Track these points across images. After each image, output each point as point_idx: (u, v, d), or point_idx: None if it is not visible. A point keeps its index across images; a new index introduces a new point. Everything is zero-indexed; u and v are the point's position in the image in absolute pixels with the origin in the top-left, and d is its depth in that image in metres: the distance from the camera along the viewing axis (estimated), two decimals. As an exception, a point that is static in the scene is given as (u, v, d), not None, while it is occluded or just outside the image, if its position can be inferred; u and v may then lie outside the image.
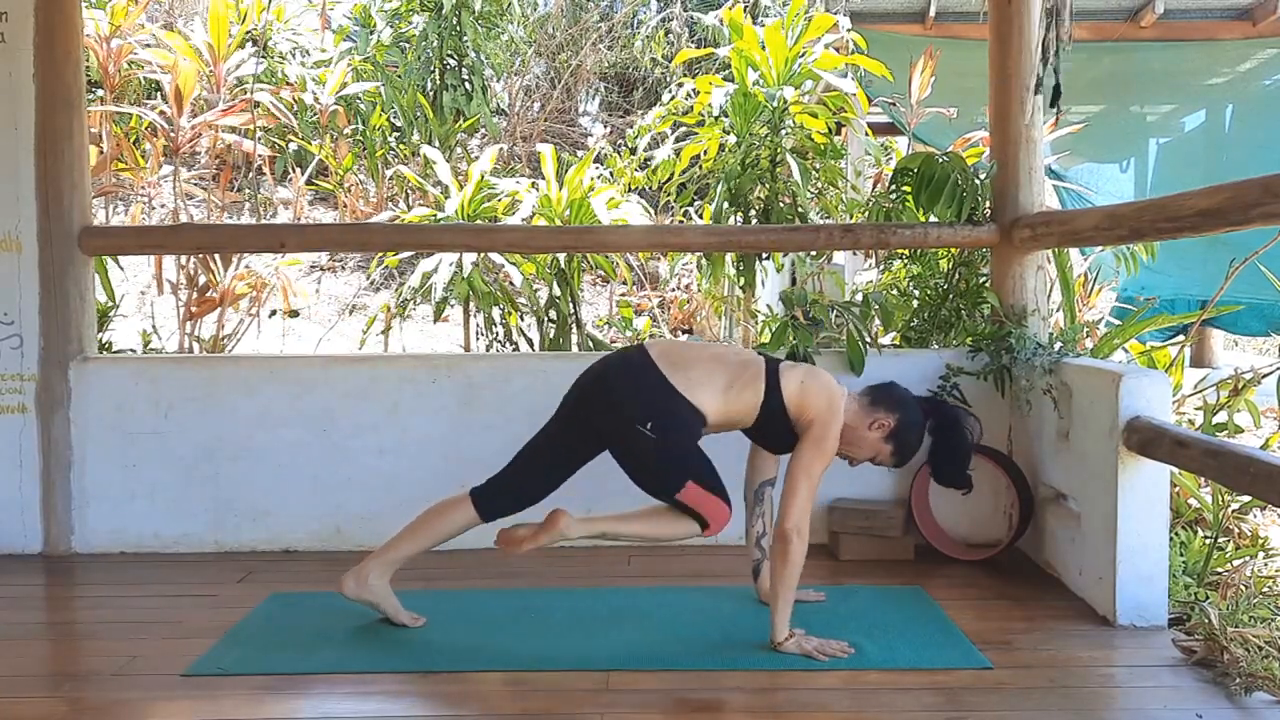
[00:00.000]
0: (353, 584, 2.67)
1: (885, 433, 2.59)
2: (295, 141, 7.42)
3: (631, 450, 2.56)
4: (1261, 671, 2.27)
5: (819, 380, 2.60)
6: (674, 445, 2.54)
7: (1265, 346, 9.06)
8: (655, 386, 2.55)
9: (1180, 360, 3.86)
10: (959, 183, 3.53)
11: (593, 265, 5.57)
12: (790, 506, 2.47)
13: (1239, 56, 6.44)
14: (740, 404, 2.58)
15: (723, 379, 2.59)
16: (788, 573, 2.47)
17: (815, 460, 2.51)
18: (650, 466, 2.56)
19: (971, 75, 4.96)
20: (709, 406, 2.56)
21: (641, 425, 2.51)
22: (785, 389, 2.57)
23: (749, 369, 2.61)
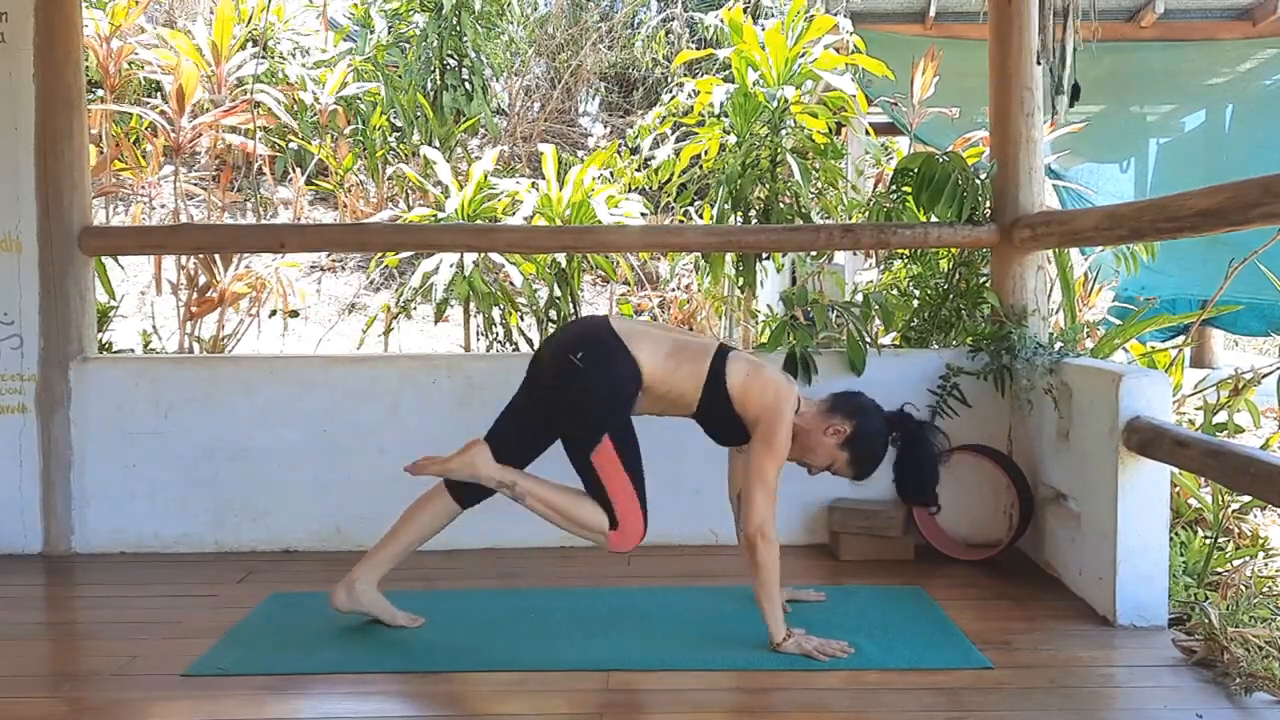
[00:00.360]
0: (344, 596, 2.67)
1: (840, 439, 2.56)
2: (295, 141, 7.43)
3: (558, 388, 2.54)
4: (1261, 671, 2.27)
5: (765, 374, 2.57)
6: (600, 385, 2.51)
7: (1265, 346, 9.06)
8: (598, 327, 2.60)
9: (1180, 360, 3.86)
10: (959, 183, 3.53)
11: (593, 265, 5.57)
12: (750, 511, 2.46)
13: (1239, 56, 6.44)
14: (680, 378, 2.55)
15: (667, 346, 2.58)
16: (764, 576, 2.46)
17: (767, 461, 2.49)
18: (571, 406, 2.53)
19: (972, 75, 4.95)
20: (646, 363, 2.53)
21: (572, 354, 2.51)
22: (730, 376, 2.55)
23: (697, 348, 2.60)
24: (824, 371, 3.49)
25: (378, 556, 2.67)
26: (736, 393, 2.55)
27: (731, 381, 2.55)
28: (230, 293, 5.07)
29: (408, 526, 2.66)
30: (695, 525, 3.46)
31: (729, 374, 2.55)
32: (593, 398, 2.51)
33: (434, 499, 2.67)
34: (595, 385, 2.51)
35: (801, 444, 2.57)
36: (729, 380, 2.55)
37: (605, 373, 2.51)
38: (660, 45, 10.85)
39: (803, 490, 3.48)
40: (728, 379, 2.55)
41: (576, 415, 2.54)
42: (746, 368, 2.57)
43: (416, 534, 2.67)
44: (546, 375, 2.59)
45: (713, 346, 2.61)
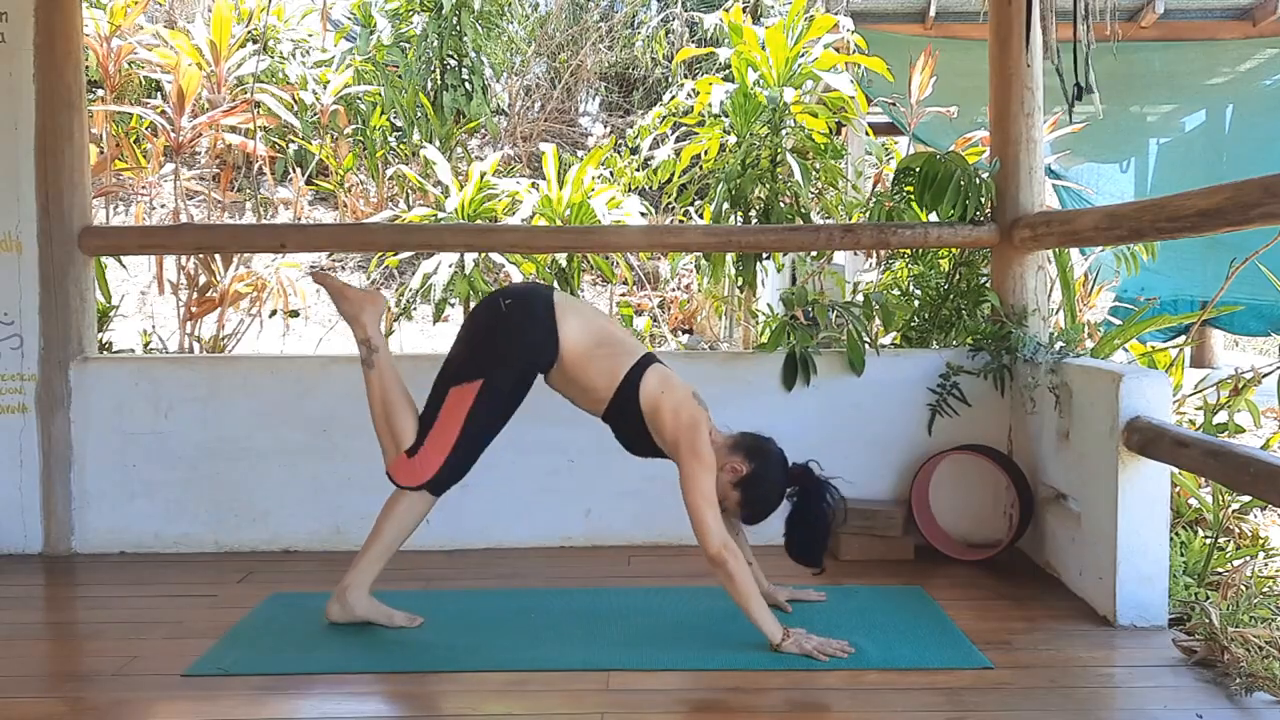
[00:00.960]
0: (337, 609, 2.67)
1: (735, 478, 2.54)
2: (296, 141, 7.43)
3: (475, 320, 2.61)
4: (1262, 671, 2.27)
5: (678, 394, 2.55)
6: (508, 337, 2.55)
7: (1265, 346, 9.07)
8: (539, 292, 2.63)
9: (1180, 360, 3.86)
10: (962, 182, 3.53)
11: (593, 265, 5.57)
12: (704, 533, 2.44)
13: (1239, 56, 6.44)
14: (595, 370, 2.56)
15: (597, 335, 2.59)
16: (740, 588, 2.45)
17: (701, 476, 2.46)
18: (473, 337, 2.58)
19: (971, 75, 4.96)
20: (568, 341, 2.55)
21: (504, 299, 2.57)
22: (645, 384, 2.55)
23: (623, 348, 2.61)
24: (824, 371, 3.49)
25: (362, 562, 2.66)
26: (646, 405, 2.54)
27: (644, 392, 2.54)
28: (230, 293, 5.07)
29: (386, 526, 2.65)
30: (695, 525, 3.46)
31: (643, 384, 2.55)
32: (494, 342, 2.55)
33: (404, 492, 2.67)
34: (504, 335, 2.55)
35: None
36: (642, 390, 2.54)
37: (520, 330, 2.55)
38: (660, 45, 10.85)
39: (803, 490, 3.48)
40: (641, 388, 2.54)
41: (470, 349, 2.57)
42: (661, 384, 2.56)
43: (396, 532, 2.66)
44: (472, 311, 2.64)
45: (639, 353, 2.61)
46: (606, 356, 2.57)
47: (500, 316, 2.57)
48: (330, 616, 2.67)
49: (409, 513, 2.66)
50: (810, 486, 2.60)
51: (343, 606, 2.66)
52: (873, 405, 3.48)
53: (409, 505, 2.66)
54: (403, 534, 2.68)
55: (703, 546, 2.45)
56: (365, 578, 2.66)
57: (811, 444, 3.47)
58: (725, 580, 2.46)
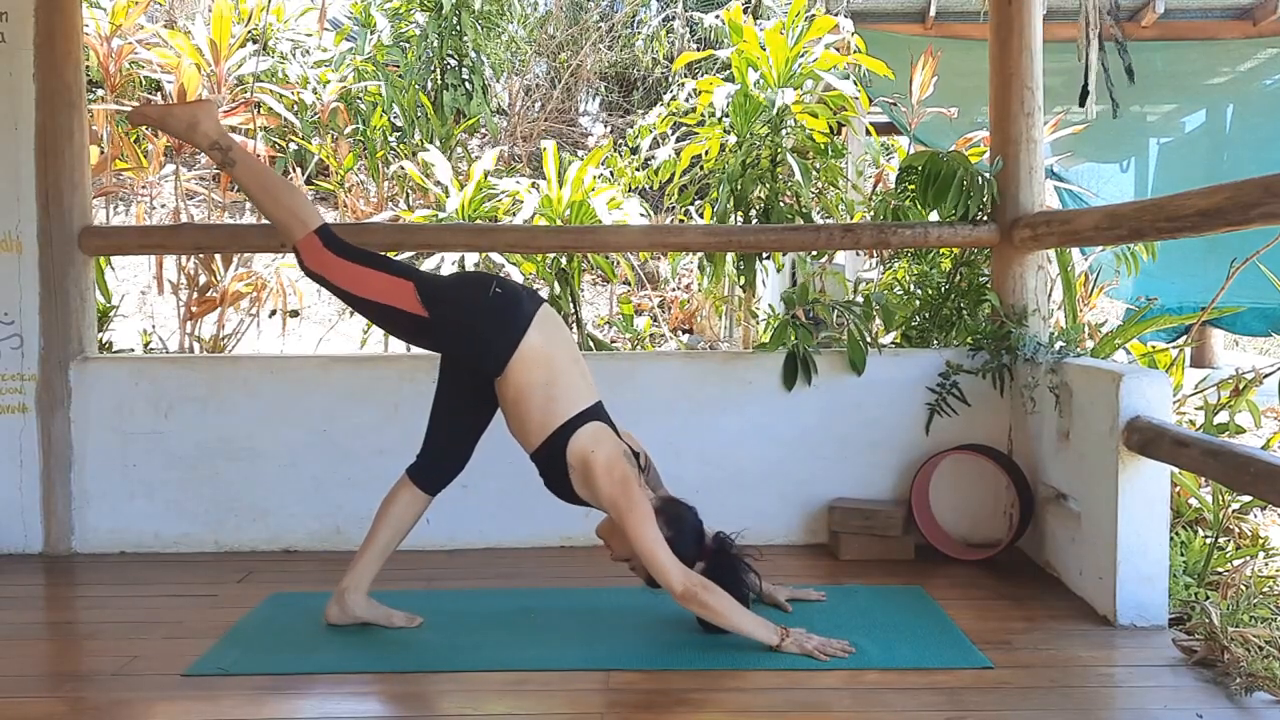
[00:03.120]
0: (336, 611, 2.67)
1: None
2: (296, 141, 7.42)
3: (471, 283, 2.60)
4: (1262, 671, 2.27)
5: (612, 450, 2.50)
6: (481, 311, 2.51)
7: (1266, 346, 9.06)
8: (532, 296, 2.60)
9: (1181, 360, 3.86)
10: (964, 180, 3.52)
11: (593, 265, 5.57)
12: (665, 576, 2.42)
13: (1239, 56, 6.43)
14: (533, 407, 2.51)
15: (550, 373, 2.53)
16: (720, 610, 2.44)
17: (644, 526, 2.43)
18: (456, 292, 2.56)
19: (971, 75, 4.95)
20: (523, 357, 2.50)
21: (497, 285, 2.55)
22: (576, 439, 2.50)
23: (570, 396, 2.54)
24: (824, 371, 3.49)
25: (361, 564, 2.66)
26: (574, 460, 2.50)
27: (573, 449, 2.50)
28: (230, 293, 5.07)
29: (382, 527, 2.66)
30: (695, 525, 3.46)
31: (574, 439, 2.50)
32: (460, 303, 2.53)
33: (399, 493, 2.67)
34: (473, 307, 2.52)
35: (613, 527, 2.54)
36: (570, 446, 2.50)
37: (488, 315, 2.52)
38: (661, 45, 10.85)
39: (803, 490, 3.49)
40: (570, 444, 2.50)
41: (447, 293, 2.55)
42: (593, 442, 2.50)
43: (393, 532, 2.66)
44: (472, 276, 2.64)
45: (584, 404, 2.55)
46: (548, 400, 2.51)
47: (481, 292, 2.54)
48: (329, 619, 2.67)
49: (405, 513, 2.66)
50: (723, 562, 2.56)
51: (341, 608, 2.66)
52: (873, 405, 3.48)
53: (405, 505, 2.66)
54: (399, 534, 2.68)
55: (669, 589, 2.43)
56: (363, 579, 2.66)
57: (812, 444, 3.49)
58: (701, 610, 2.45)
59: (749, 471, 3.47)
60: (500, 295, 2.55)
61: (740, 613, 2.48)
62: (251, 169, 2.56)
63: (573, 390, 2.56)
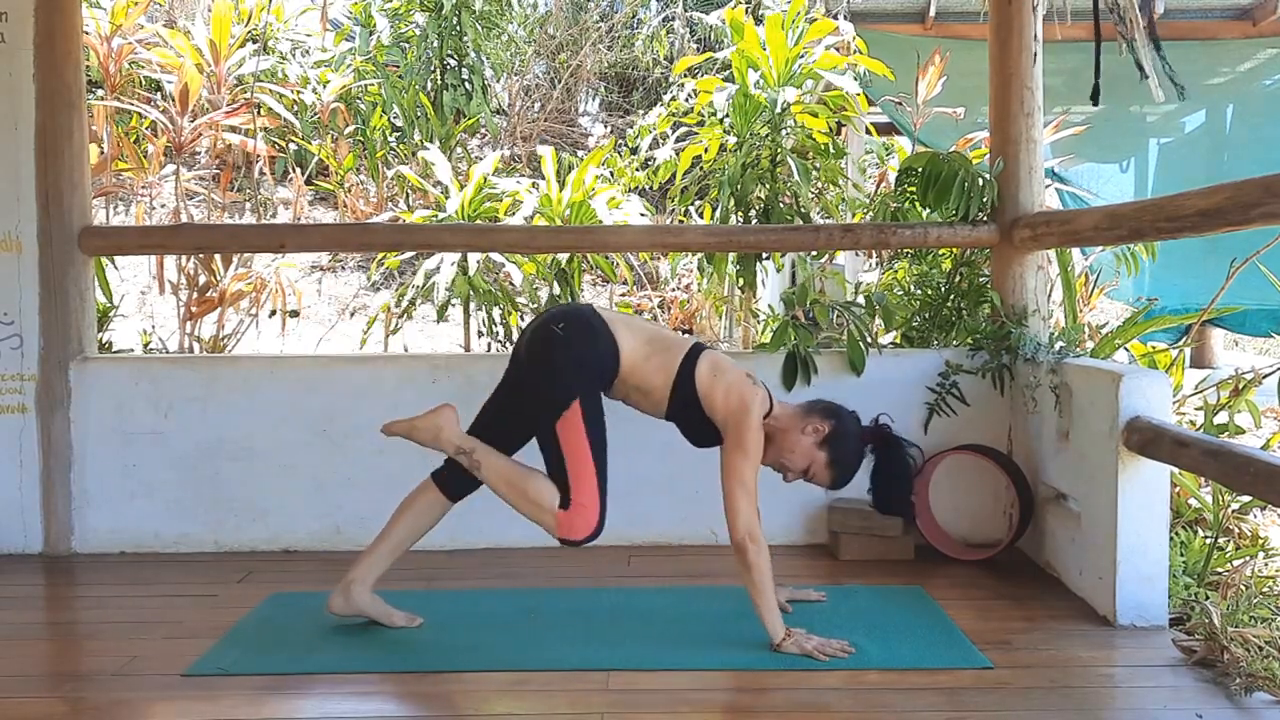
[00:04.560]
0: (340, 601, 2.67)
1: (819, 438, 2.54)
2: (296, 141, 7.43)
3: (537, 354, 2.53)
4: (1262, 671, 2.27)
5: (730, 375, 2.56)
6: (578, 353, 2.50)
7: (1265, 347, 9.06)
8: (582, 308, 2.63)
9: (1181, 360, 3.86)
10: (965, 181, 3.52)
11: (593, 265, 5.57)
12: (734, 517, 2.46)
13: (1239, 56, 6.42)
14: (651, 368, 2.56)
15: (644, 338, 2.60)
16: (756, 578, 2.46)
17: (741, 463, 2.48)
18: (548, 371, 2.51)
19: (972, 75, 4.95)
20: (626, 347, 2.55)
21: (555, 324, 2.53)
22: (698, 374, 2.56)
23: (671, 343, 2.62)
24: (824, 371, 3.49)
25: (371, 558, 2.67)
26: (704, 392, 2.55)
27: (699, 381, 2.55)
28: (230, 293, 5.07)
29: (399, 525, 2.66)
30: (695, 525, 3.46)
31: (697, 372, 2.56)
32: (569, 363, 2.51)
33: (421, 495, 2.68)
34: (573, 352, 2.51)
35: (779, 445, 2.56)
36: (697, 379, 2.55)
37: (585, 344, 2.53)
38: (661, 45, 10.85)
39: (803, 490, 3.47)
40: (695, 377, 2.56)
41: (550, 380, 2.52)
42: (712, 368, 2.57)
43: (408, 532, 2.67)
44: (527, 347, 2.58)
45: (687, 344, 2.62)
46: (658, 353, 2.58)
47: (559, 339, 2.52)
48: (332, 608, 2.67)
49: (424, 515, 2.67)
50: (888, 439, 2.61)
51: (346, 599, 2.66)
52: (874, 405, 3.45)
53: (425, 508, 2.67)
54: (414, 535, 2.68)
55: (730, 529, 2.46)
56: (371, 574, 2.67)
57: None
58: (743, 568, 2.47)
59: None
60: (565, 323, 2.54)
61: (769, 593, 2.48)
62: (496, 468, 2.56)
63: (670, 339, 2.64)
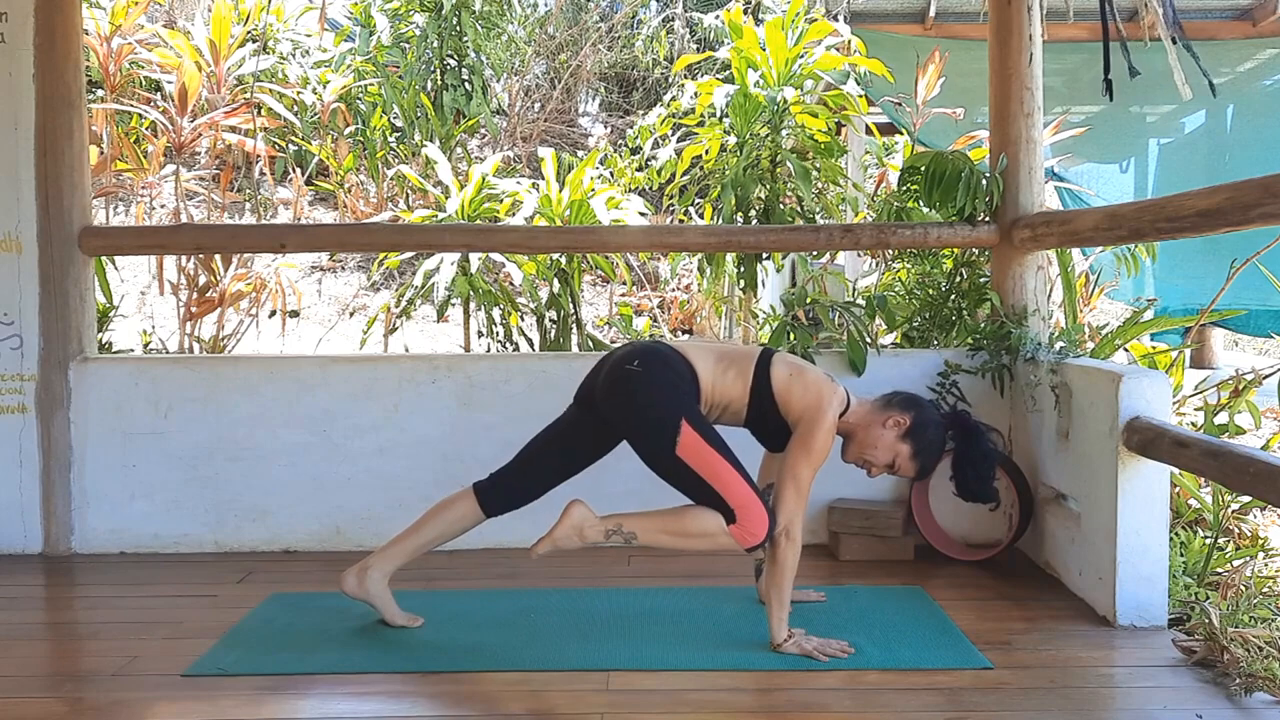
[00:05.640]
0: (353, 581, 2.67)
1: (901, 430, 2.55)
2: (296, 142, 7.43)
3: (623, 401, 2.51)
4: (1261, 671, 2.27)
5: (808, 375, 2.57)
6: (662, 380, 2.49)
7: (1266, 347, 9.06)
8: (649, 343, 2.62)
9: (1181, 361, 3.85)
10: (968, 179, 3.52)
11: (593, 265, 5.57)
12: (780, 508, 2.46)
13: (1239, 56, 6.42)
14: (728, 383, 2.56)
15: (714, 355, 2.60)
16: (780, 574, 2.46)
17: (801, 462, 2.48)
18: (640, 411, 2.49)
19: (972, 75, 4.95)
20: (701, 369, 2.55)
21: (629, 364, 2.52)
22: (774, 378, 2.56)
23: (742, 354, 2.62)
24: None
25: (395, 549, 2.67)
26: (780, 394, 2.55)
27: (776, 383, 2.55)
28: (230, 293, 5.07)
29: (429, 525, 2.66)
30: (695, 525, 3.45)
31: (773, 376, 2.56)
32: (658, 394, 2.49)
33: (459, 501, 2.66)
34: (657, 382, 2.49)
35: (861, 441, 2.57)
36: (774, 382, 2.55)
37: (664, 372, 2.51)
38: (661, 46, 10.85)
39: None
40: (772, 381, 2.55)
41: (648, 416, 2.49)
42: (789, 369, 2.57)
43: (437, 533, 2.66)
44: (605, 392, 2.55)
45: (757, 352, 2.62)
46: (732, 366, 2.58)
47: (640, 376, 2.50)
48: (344, 587, 2.67)
49: (457, 522, 2.66)
50: (968, 426, 2.62)
51: (360, 581, 2.66)
52: (873, 405, 3.48)
53: (460, 515, 2.65)
54: (443, 538, 2.68)
55: (776, 514, 2.45)
56: (390, 564, 2.67)
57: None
58: (770, 561, 2.47)
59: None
60: (639, 360, 2.52)
61: (786, 591, 2.48)
62: (650, 530, 2.50)
63: (740, 351, 2.64)
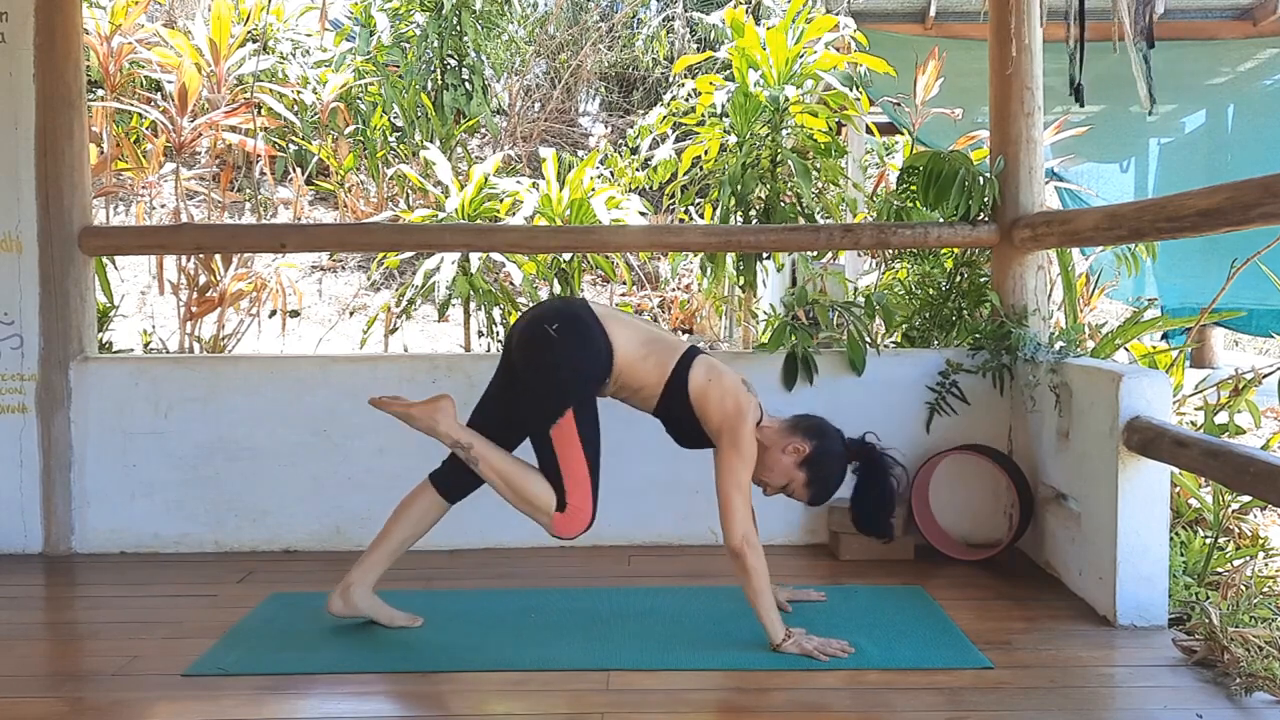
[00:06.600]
0: (339, 603, 2.67)
1: (799, 458, 2.53)
2: (295, 141, 7.42)
3: (530, 356, 2.53)
4: (1262, 671, 2.27)
5: (725, 381, 2.55)
6: (571, 357, 2.50)
7: (1265, 347, 9.06)
8: (575, 304, 2.62)
9: (1181, 361, 3.85)
10: (966, 180, 3.52)
11: (593, 265, 5.57)
12: (730, 523, 2.45)
13: (1239, 56, 6.42)
14: (646, 369, 2.56)
15: (641, 338, 2.59)
16: (755, 582, 2.46)
17: (739, 467, 2.47)
18: (540, 375, 2.51)
19: (972, 75, 4.94)
20: (620, 346, 2.54)
21: (548, 324, 2.52)
22: (692, 378, 2.55)
23: (668, 344, 2.61)
24: (824, 371, 3.49)
25: (370, 559, 2.66)
26: (696, 396, 2.55)
27: (692, 384, 2.55)
28: (230, 293, 5.07)
29: (397, 526, 2.66)
30: (695, 525, 3.46)
31: (691, 375, 2.55)
32: (562, 369, 2.50)
33: (420, 496, 2.67)
34: (566, 357, 2.51)
35: (760, 460, 2.55)
36: (690, 381, 2.55)
37: (578, 347, 2.52)
38: (661, 45, 10.85)
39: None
40: (689, 380, 2.55)
41: (543, 385, 2.52)
42: (708, 374, 2.56)
43: (407, 534, 2.67)
44: (518, 345, 2.58)
45: (683, 347, 2.62)
46: (654, 353, 2.58)
47: (553, 342, 2.51)
48: (331, 609, 2.67)
49: (422, 517, 2.67)
50: (872, 459, 2.59)
51: (345, 601, 2.66)
52: (874, 405, 3.48)
53: (423, 509, 2.66)
54: (412, 537, 2.68)
55: (726, 536, 2.46)
56: (370, 575, 2.67)
57: (811, 444, 3.49)
58: (741, 573, 2.46)
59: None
60: (560, 324, 2.53)
61: (768, 596, 2.48)
62: (494, 464, 2.55)
63: (666, 341, 2.63)
